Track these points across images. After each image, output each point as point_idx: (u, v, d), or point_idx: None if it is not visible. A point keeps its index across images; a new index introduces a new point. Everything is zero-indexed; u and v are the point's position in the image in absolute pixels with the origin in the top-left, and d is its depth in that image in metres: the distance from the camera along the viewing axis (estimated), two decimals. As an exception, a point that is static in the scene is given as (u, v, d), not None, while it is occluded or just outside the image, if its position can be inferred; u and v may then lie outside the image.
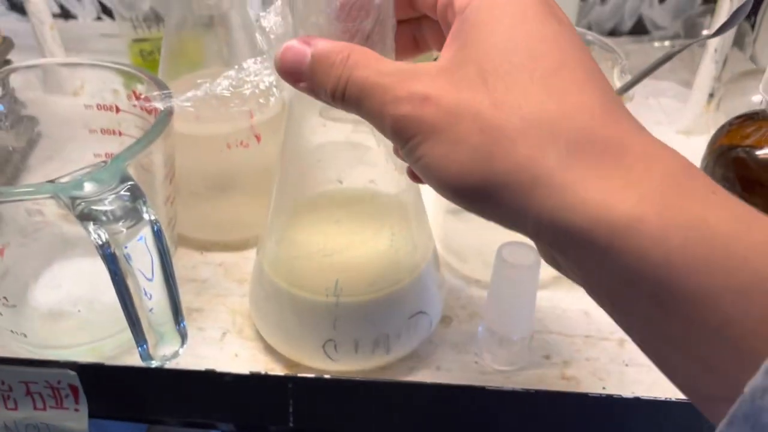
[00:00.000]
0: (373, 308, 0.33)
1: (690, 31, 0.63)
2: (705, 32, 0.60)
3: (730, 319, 0.17)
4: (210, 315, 0.39)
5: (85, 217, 0.27)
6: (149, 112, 0.37)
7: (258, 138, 0.41)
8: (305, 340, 0.34)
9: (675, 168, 0.19)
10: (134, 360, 0.36)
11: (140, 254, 0.27)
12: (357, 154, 0.31)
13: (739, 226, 0.17)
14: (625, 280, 0.18)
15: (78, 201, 0.27)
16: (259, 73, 0.33)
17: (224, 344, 0.37)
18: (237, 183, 0.43)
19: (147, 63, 0.59)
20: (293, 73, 0.24)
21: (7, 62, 0.50)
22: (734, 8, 0.48)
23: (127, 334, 0.37)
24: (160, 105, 0.33)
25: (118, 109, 0.38)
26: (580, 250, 0.19)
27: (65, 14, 0.71)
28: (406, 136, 0.21)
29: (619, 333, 0.37)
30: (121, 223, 0.27)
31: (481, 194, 0.20)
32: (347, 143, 0.31)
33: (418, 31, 0.27)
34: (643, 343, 0.20)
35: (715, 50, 0.51)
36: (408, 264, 0.34)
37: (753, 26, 0.63)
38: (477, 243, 0.40)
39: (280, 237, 0.34)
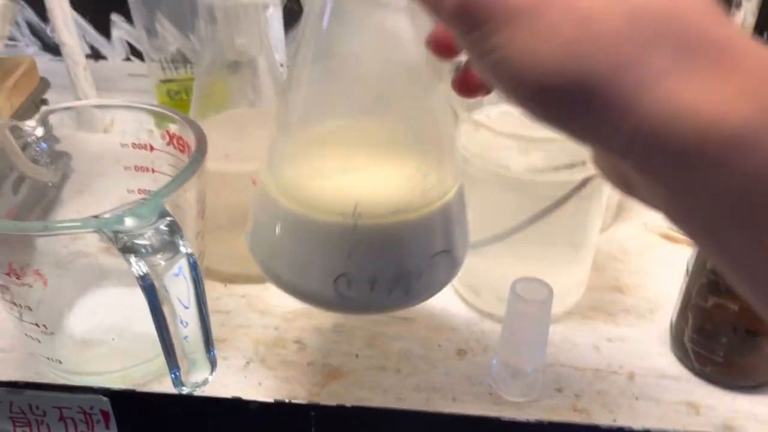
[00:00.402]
0: (394, 237, 0.29)
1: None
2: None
3: None
4: (233, 345, 0.41)
5: (127, 250, 0.29)
6: (182, 150, 0.39)
7: (282, 175, 0.43)
8: (315, 274, 0.30)
9: None
10: (162, 387, 0.38)
11: (177, 285, 0.29)
12: (388, 55, 0.28)
13: None
14: (736, 198, 0.16)
15: (120, 235, 0.29)
16: None
17: (248, 373, 0.39)
18: (261, 218, 0.45)
19: (174, 102, 0.61)
20: None
21: (44, 101, 0.53)
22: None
23: (156, 363, 0.39)
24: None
25: (152, 148, 0.40)
26: (682, 167, 0.17)
27: (96, 55, 0.74)
28: (477, 20, 0.18)
29: (629, 367, 0.39)
30: (159, 256, 0.29)
31: (571, 98, 0.17)
32: (378, 40, 0.28)
33: None
34: (739, 266, 0.18)
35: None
36: (436, 191, 0.30)
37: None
38: (491, 278, 0.42)
39: (293, 151, 0.30)
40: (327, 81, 0.29)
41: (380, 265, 0.29)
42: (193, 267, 0.30)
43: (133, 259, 0.29)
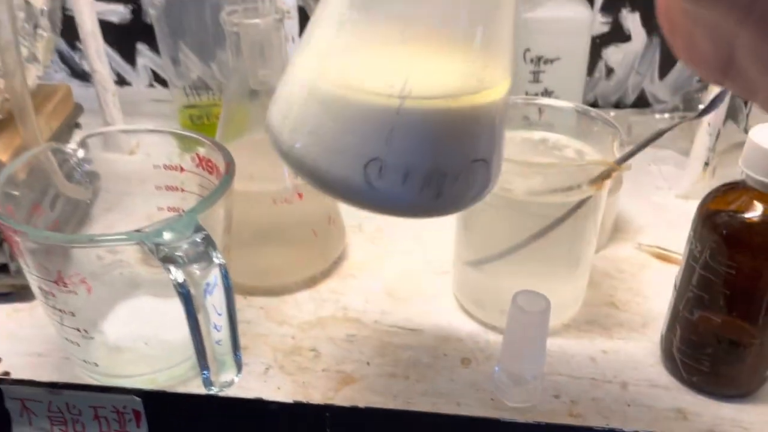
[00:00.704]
0: (439, 126, 0.27)
1: (688, 105, 0.69)
2: (701, 107, 0.66)
3: None
4: (254, 352, 0.44)
5: (167, 260, 0.32)
6: (210, 172, 0.43)
7: (300, 196, 0.47)
8: (346, 156, 0.27)
9: None
10: (184, 390, 0.41)
11: (211, 292, 0.32)
12: None
13: None
14: None
15: (161, 247, 0.32)
16: None
17: (267, 378, 0.42)
18: (279, 235, 0.48)
19: (196, 126, 0.65)
20: None
21: (78, 125, 0.56)
22: (725, 90, 0.54)
23: (180, 368, 0.42)
24: None
25: (182, 169, 0.44)
26: None
27: (121, 81, 0.79)
28: None
29: (622, 376, 0.42)
30: (195, 266, 0.32)
31: None
32: None
33: None
34: None
35: (709, 124, 0.56)
36: (490, 86, 0.27)
37: (746, 102, 0.69)
38: (494, 293, 0.45)
39: (341, 17, 0.27)
40: None
41: (418, 156, 0.27)
42: (225, 276, 0.33)
43: (172, 268, 0.32)
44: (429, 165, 0.27)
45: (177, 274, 0.32)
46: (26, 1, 0.46)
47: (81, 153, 0.43)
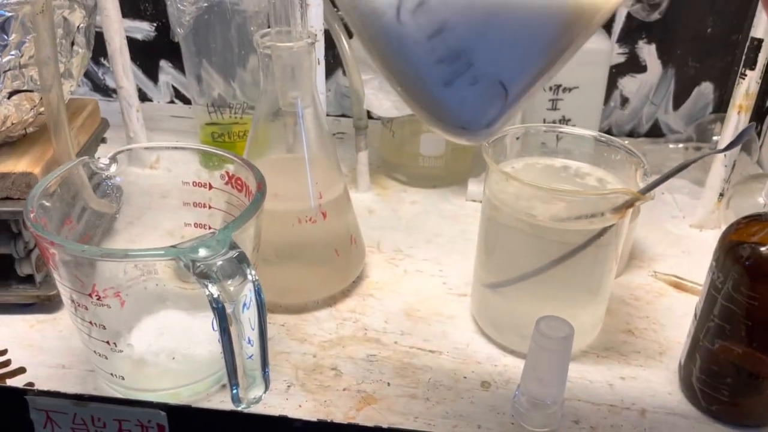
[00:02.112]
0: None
1: (701, 135, 0.70)
2: (715, 138, 0.67)
3: None
4: (275, 369, 0.44)
5: (203, 276, 0.33)
6: (239, 190, 0.43)
7: (324, 215, 0.47)
8: None
9: None
10: (208, 405, 0.41)
11: (245, 308, 0.33)
12: None
13: None
14: None
15: (197, 263, 0.33)
16: None
17: (289, 395, 0.42)
18: (303, 253, 0.49)
19: (217, 143, 0.66)
20: None
21: (104, 140, 0.57)
22: (741, 121, 0.55)
23: (204, 384, 0.42)
24: None
25: (211, 186, 0.44)
26: None
27: (143, 97, 0.80)
28: None
29: (641, 404, 0.42)
30: (230, 281, 0.33)
31: None
32: None
33: None
34: None
35: (725, 156, 0.57)
36: None
37: (759, 134, 0.70)
38: (513, 316, 0.46)
39: None
40: None
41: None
42: (258, 292, 0.33)
43: (207, 284, 0.32)
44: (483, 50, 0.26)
45: (212, 290, 0.32)
46: (64, 17, 0.47)
47: (113, 168, 0.44)
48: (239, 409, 0.35)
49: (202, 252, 0.34)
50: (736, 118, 0.55)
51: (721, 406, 0.40)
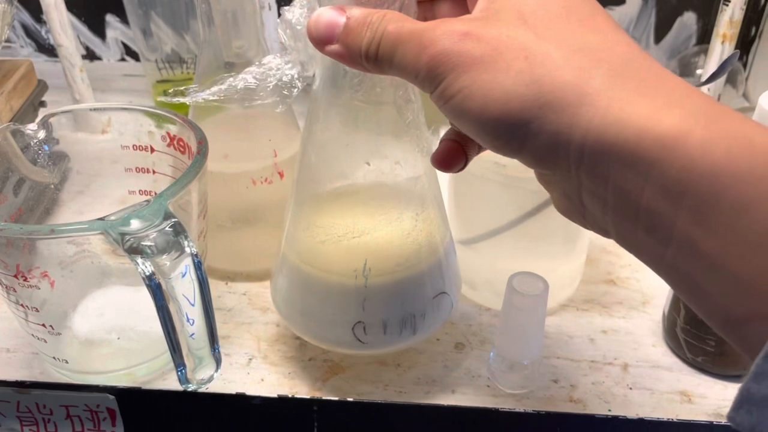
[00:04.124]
0: (400, 288, 0.34)
1: (685, 70, 0.66)
2: (699, 72, 0.64)
3: None
4: (236, 342, 0.41)
5: (133, 251, 0.29)
6: (182, 152, 0.40)
7: (281, 174, 0.44)
8: (335, 324, 0.35)
9: (710, 98, 0.20)
10: (165, 384, 0.39)
11: (183, 284, 0.30)
12: (383, 138, 0.32)
13: None
14: (669, 196, 0.19)
15: (127, 237, 0.30)
16: (280, 68, 0.35)
17: (250, 369, 0.39)
18: (261, 216, 0.46)
19: (170, 103, 0.62)
20: (326, 37, 0.24)
21: (42, 103, 0.53)
22: (725, 52, 0.51)
23: (159, 361, 0.39)
24: (188, 100, 0.35)
25: (153, 149, 0.41)
26: (625, 168, 0.19)
27: (91, 56, 0.75)
28: (444, 72, 0.21)
29: (623, 358, 0.40)
30: (165, 256, 0.30)
31: (525, 119, 0.20)
32: (373, 128, 0.32)
33: (430, 12, 0.28)
34: (675, 269, 0.20)
35: (709, 89, 0.54)
36: (431, 244, 0.35)
37: (745, 66, 0.66)
38: (487, 273, 0.43)
39: (307, 223, 0.35)
40: (326, 159, 0.33)
41: (390, 312, 0.34)
42: (198, 266, 0.30)
43: (139, 259, 0.29)
44: (400, 314, 0.34)
45: (145, 266, 0.29)
46: (-24, -31, 0.42)
47: (42, 134, 0.40)
48: (189, 389, 0.33)
49: (135, 224, 0.30)
50: (720, 48, 0.51)
51: (707, 356, 0.38)
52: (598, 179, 0.20)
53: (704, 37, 0.70)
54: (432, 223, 0.35)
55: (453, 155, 0.28)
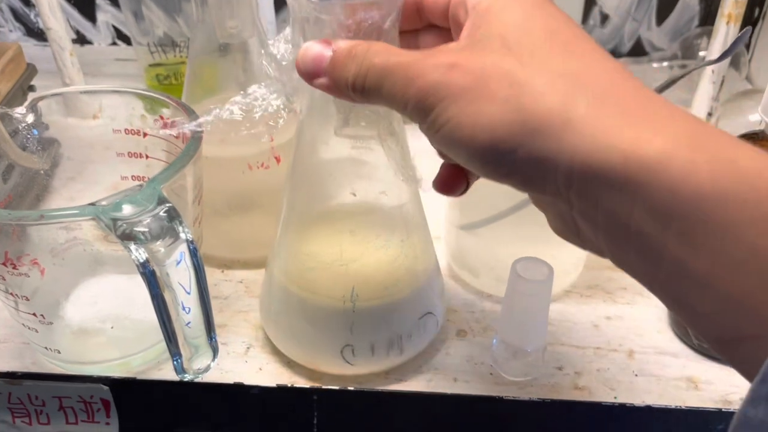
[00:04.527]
0: (387, 311, 0.35)
1: (687, 52, 0.65)
2: (702, 54, 0.63)
3: (759, 250, 0.18)
4: (233, 330, 0.41)
5: (126, 237, 0.28)
6: (176, 136, 0.38)
7: (278, 159, 0.43)
8: (324, 347, 0.36)
9: (695, 120, 0.20)
10: (161, 374, 0.38)
11: (178, 271, 0.29)
12: (368, 169, 0.32)
13: (765, 164, 0.18)
14: (657, 219, 0.19)
15: (119, 222, 0.28)
16: (266, 98, 0.35)
17: (248, 358, 0.39)
18: (257, 203, 0.45)
19: (163, 87, 0.61)
20: (313, 70, 0.25)
21: (31, 88, 0.52)
22: (730, 33, 0.50)
23: (155, 350, 0.39)
24: (174, 132, 0.35)
25: (145, 134, 0.40)
26: (613, 192, 0.19)
27: (81, 40, 0.73)
28: (432, 103, 0.22)
29: (628, 344, 0.39)
30: (159, 242, 0.29)
31: (512, 146, 0.21)
32: (358, 159, 0.32)
33: (414, 40, 0.28)
34: (667, 289, 0.21)
35: (713, 71, 0.53)
36: (416, 269, 0.36)
37: (748, 48, 0.65)
38: (489, 259, 0.42)
39: (295, 250, 0.36)
40: (312, 188, 0.34)
41: (377, 334, 0.35)
42: (194, 253, 0.29)
43: (132, 246, 0.28)
44: (387, 336, 0.35)
45: (138, 253, 0.28)
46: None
47: (30, 117, 0.39)
48: (186, 379, 0.32)
49: (127, 209, 0.29)
50: (725, 29, 0.50)
51: (713, 342, 0.38)
52: (588, 201, 0.21)
53: (707, 18, 0.69)
54: (417, 248, 0.36)
55: (454, 180, 0.28)
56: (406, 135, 0.34)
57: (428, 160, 0.34)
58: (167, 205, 0.29)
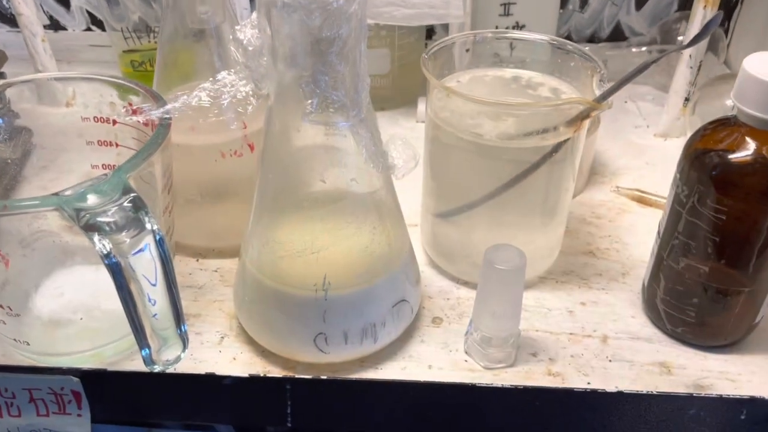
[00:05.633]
0: (359, 299, 0.35)
1: (666, 37, 0.65)
2: (680, 39, 0.62)
3: None
4: (207, 320, 0.40)
5: (90, 228, 0.28)
6: (146, 124, 0.38)
7: (251, 147, 0.42)
8: (297, 335, 0.35)
9: None
10: (134, 365, 0.38)
11: (143, 262, 0.28)
12: (338, 155, 0.32)
13: None
14: None
15: (82, 213, 0.28)
16: (234, 84, 0.34)
17: (222, 348, 0.38)
18: (231, 191, 0.44)
19: (138, 74, 0.60)
20: None
21: (1, 75, 0.51)
22: (707, 17, 0.50)
23: (127, 341, 0.38)
24: (141, 118, 0.35)
25: (114, 122, 0.39)
26: None
27: (55, 26, 0.72)
28: None
29: (602, 330, 0.39)
30: (124, 233, 0.28)
31: None
32: (328, 146, 0.32)
33: None
34: None
35: (690, 56, 0.53)
36: (389, 256, 0.36)
37: (726, 32, 0.65)
38: (464, 245, 0.42)
39: (266, 239, 0.35)
40: (282, 176, 0.34)
41: (350, 322, 0.35)
42: (160, 243, 0.29)
43: (96, 237, 0.28)
44: (360, 324, 0.35)
45: (102, 244, 0.28)
46: None
47: (-5, 107, 0.38)
48: (155, 371, 0.32)
49: (92, 199, 0.29)
50: (702, 13, 0.50)
51: (687, 327, 0.38)
52: None
53: (685, 3, 0.69)
54: (390, 235, 0.35)
55: None
56: (378, 122, 0.33)
57: (401, 148, 0.34)
58: (132, 195, 0.29)
